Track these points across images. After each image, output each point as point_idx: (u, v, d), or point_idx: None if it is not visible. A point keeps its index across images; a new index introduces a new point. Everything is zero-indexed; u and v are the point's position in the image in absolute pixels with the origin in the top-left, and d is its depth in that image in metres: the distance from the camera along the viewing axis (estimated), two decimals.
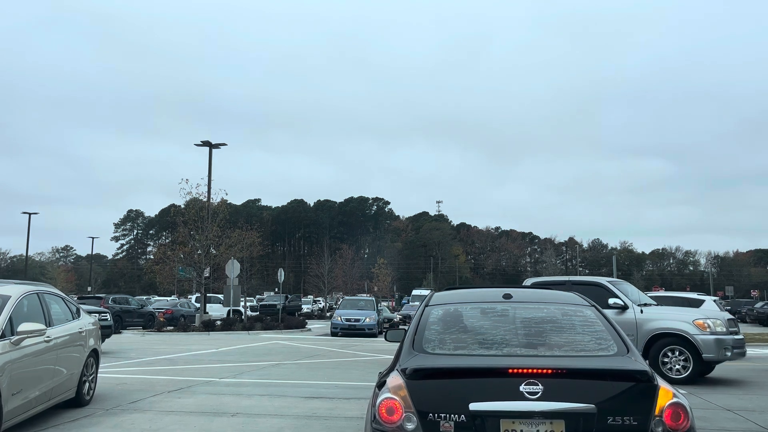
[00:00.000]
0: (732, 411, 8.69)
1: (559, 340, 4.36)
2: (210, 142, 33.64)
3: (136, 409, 8.48)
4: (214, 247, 32.38)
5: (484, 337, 4.43)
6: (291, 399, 9.46)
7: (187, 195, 32.95)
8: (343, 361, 15.96)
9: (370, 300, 31.90)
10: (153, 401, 9.14)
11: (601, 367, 3.97)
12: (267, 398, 9.53)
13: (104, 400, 9.11)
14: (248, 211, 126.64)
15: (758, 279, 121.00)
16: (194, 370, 13.38)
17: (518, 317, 4.67)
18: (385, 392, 3.88)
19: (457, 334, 4.52)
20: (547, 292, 5.48)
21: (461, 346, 4.33)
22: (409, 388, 3.84)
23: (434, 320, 4.69)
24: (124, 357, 16.21)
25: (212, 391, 10.21)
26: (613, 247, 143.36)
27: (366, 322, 27.58)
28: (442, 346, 4.33)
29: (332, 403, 9.15)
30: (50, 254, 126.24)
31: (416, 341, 4.40)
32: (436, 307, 4.94)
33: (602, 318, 4.66)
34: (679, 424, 3.73)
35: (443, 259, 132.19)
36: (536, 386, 3.73)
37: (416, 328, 4.59)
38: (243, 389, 10.50)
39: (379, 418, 3.80)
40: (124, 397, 9.39)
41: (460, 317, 4.76)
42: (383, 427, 3.78)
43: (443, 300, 5.14)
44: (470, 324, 4.66)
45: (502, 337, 4.39)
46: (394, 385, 3.93)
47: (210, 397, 9.54)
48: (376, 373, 13.03)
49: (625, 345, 4.31)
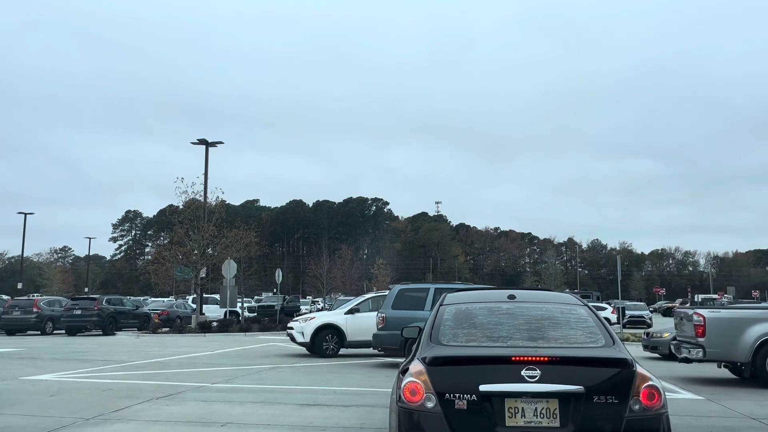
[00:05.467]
0: (758, 420, 8.13)
1: (555, 334, 5.00)
2: (206, 140, 33.02)
3: (120, 419, 7.91)
4: (210, 246, 31.78)
5: (491, 331, 5.07)
6: (286, 406, 8.89)
7: (182, 194, 32.34)
8: (342, 364, 15.39)
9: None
10: (138, 409, 8.56)
11: (588, 355, 4.67)
12: (260, 406, 8.96)
13: (86, 408, 8.54)
14: (247, 211, 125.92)
15: (758, 279, 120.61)
16: (186, 374, 12.79)
17: (520, 315, 5.29)
18: (409, 377, 4.57)
19: (468, 329, 5.14)
20: (546, 293, 6.35)
21: (472, 339, 4.98)
22: (429, 373, 4.51)
23: (448, 317, 5.33)
24: (114, 360, 15.63)
25: (203, 398, 9.64)
26: (612, 248, 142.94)
27: None
28: (456, 339, 4.99)
29: (329, 411, 8.58)
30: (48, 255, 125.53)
31: (433, 335, 5.07)
32: (450, 306, 5.57)
33: (593, 316, 5.30)
34: (653, 403, 4.38)
35: (442, 260, 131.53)
36: (535, 371, 4.40)
37: (433, 324, 5.24)
38: (235, 395, 9.94)
39: (404, 398, 4.48)
40: (108, 405, 8.81)
41: (470, 315, 5.37)
42: (407, 406, 4.46)
43: (455, 300, 5.75)
44: (479, 321, 5.26)
45: (506, 332, 5.04)
46: (416, 370, 4.59)
47: (199, 405, 8.97)
48: (376, 378, 12.57)
49: (611, 338, 4.95)
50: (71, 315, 28.76)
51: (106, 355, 17.12)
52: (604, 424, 4.30)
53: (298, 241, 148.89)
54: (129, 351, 18.60)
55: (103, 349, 19.91)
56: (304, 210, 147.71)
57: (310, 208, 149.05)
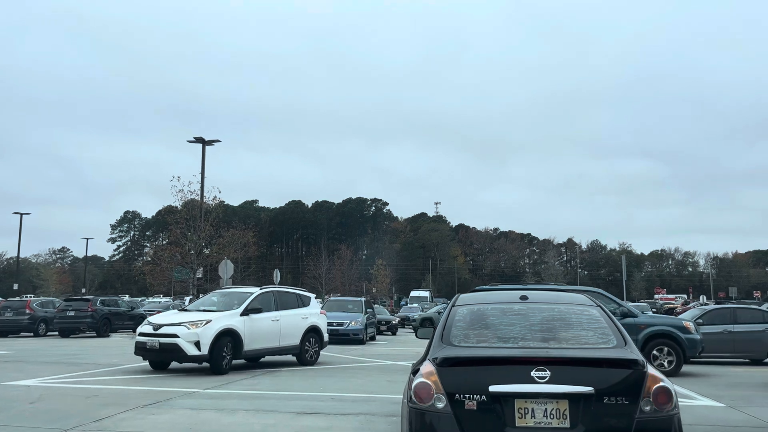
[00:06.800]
0: None
1: (566, 335, 4.98)
2: (203, 138, 32.45)
3: (100, 429, 7.33)
4: (207, 247, 31.22)
5: (502, 332, 5.05)
6: (280, 415, 8.31)
7: (178, 192, 31.80)
8: (340, 368, 14.82)
9: (357, 301, 27.38)
10: (122, 419, 7.97)
11: (597, 356, 4.62)
12: (253, 414, 8.38)
13: (67, 417, 7.95)
14: (246, 212, 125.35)
15: (757, 280, 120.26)
16: (176, 379, 12.19)
17: (532, 316, 5.27)
18: (419, 377, 4.57)
19: (480, 330, 5.13)
20: (558, 293, 6.19)
21: (483, 340, 4.97)
22: (439, 374, 4.52)
23: (460, 318, 5.31)
24: (105, 364, 15.03)
25: (192, 405, 9.06)
26: (611, 248, 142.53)
27: (351, 327, 23.61)
28: (467, 340, 4.98)
29: (327, 420, 8.00)
30: (47, 256, 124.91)
31: (444, 336, 5.06)
32: (462, 307, 5.57)
33: (605, 316, 5.25)
34: (664, 404, 4.32)
35: (442, 261, 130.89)
36: (544, 372, 4.38)
37: (444, 325, 5.22)
38: (227, 402, 9.35)
39: (415, 398, 4.50)
40: (89, 414, 8.22)
41: (482, 316, 5.35)
42: (418, 406, 4.47)
43: (467, 301, 5.74)
44: (490, 321, 5.25)
45: (518, 333, 5.03)
46: (427, 371, 4.60)
47: (188, 414, 8.39)
48: (376, 383, 11.97)
49: (623, 339, 4.89)
50: (64, 316, 28.13)
51: (97, 358, 16.52)
52: (614, 425, 4.29)
53: (297, 241, 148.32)
54: (121, 354, 17.99)
55: (95, 351, 19.32)
56: (303, 210, 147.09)
57: (309, 208, 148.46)
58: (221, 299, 14.80)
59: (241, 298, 14.39)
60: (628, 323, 13.36)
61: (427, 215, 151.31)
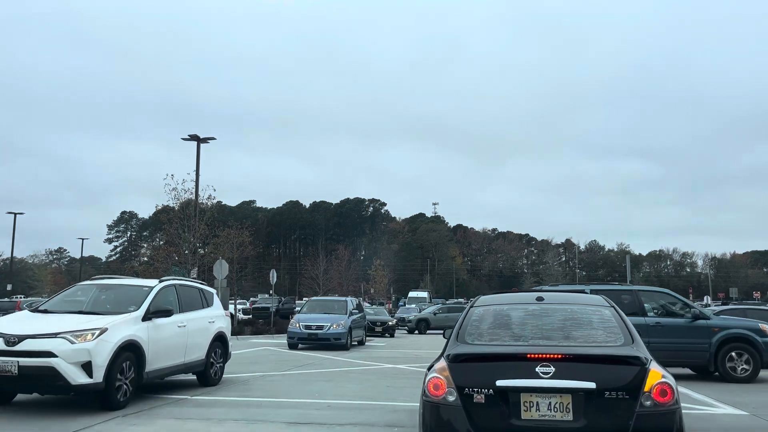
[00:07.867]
0: None
1: (576, 333, 5.20)
2: (198, 135, 31.82)
3: None
4: (201, 246, 30.56)
5: (514, 331, 5.34)
6: (272, 425, 7.69)
7: (172, 191, 31.13)
8: (337, 371, 14.20)
9: (342, 301, 24.07)
10: (99, 430, 7.35)
11: (601, 353, 4.83)
12: (243, 424, 7.75)
13: (46, 428, 7.34)
14: (243, 212, 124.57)
15: (756, 280, 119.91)
16: (164, 384, 11.49)
17: (545, 316, 5.49)
18: (432, 373, 4.92)
19: (493, 329, 5.43)
20: (574, 295, 6.54)
21: (495, 338, 5.26)
22: (451, 370, 4.84)
23: (476, 318, 5.61)
24: None
25: (178, 414, 8.43)
26: (609, 249, 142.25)
27: (331, 330, 20.55)
28: (480, 338, 5.28)
29: (323, 430, 7.38)
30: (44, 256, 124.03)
31: (460, 334, 5.38)
32: (479, 307, 5.85)
33: (617, 316, 5.43)
34: (665, 399, 4.51)
35: (440, 261, 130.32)
36: (549, 368, 4.63)
37: (461, 325, 5.53)
38: (216, 410, 8.72)
39: (428, 392, 4.83)
40: (65, 425, 7.58)
41: (497, 315, 5.63)
42: (431, 399, 4.80)
43: (485, 302, 5.99)
44: (504, 321, 5.54)
45: (529, 332, 5.28)
46: (439, 367, 4.94)
47: (173, 424, 7.77)
48: (376, 388, 11.26)
49: (631, 337, 5.10)
50: None
51: None
52: (615, 419, 4.49)
53: (294, 242, 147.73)
54: None
55: None
56: (301, 211, 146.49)
57: (306, 209, 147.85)
58: (99, 296, 10.02)
59: (136, 295, 9.74)
60: (700, 326, 12.47)
61: (425, 216, 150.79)
